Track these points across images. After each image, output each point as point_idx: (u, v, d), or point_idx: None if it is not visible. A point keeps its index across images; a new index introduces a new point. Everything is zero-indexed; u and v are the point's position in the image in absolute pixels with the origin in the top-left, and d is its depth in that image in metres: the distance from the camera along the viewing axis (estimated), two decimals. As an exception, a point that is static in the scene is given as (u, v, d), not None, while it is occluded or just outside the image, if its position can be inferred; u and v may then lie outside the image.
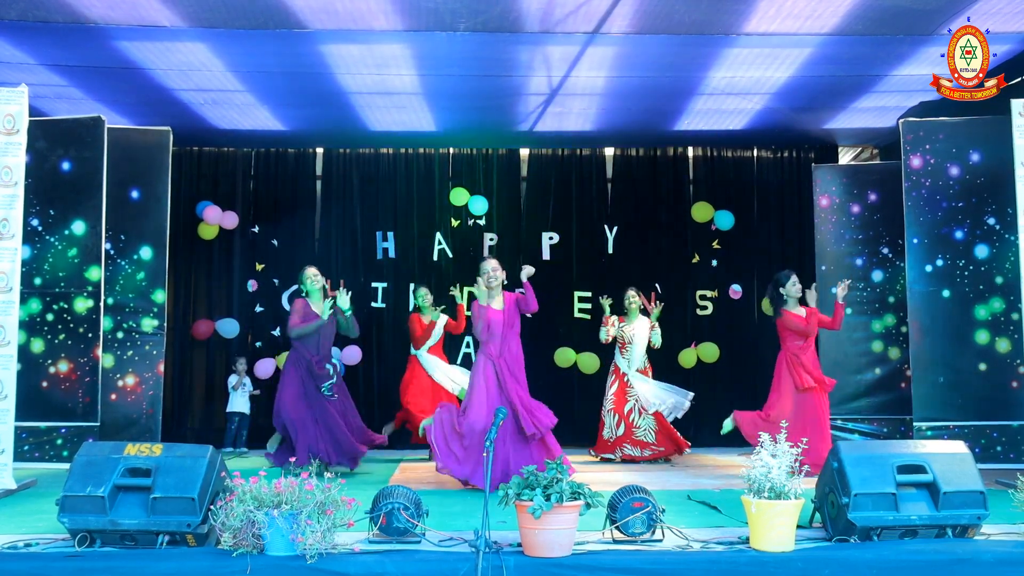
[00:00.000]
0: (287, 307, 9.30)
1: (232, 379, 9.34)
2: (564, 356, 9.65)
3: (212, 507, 4.23)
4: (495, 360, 6.47)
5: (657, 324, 8.52)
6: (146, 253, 7.67)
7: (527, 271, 6.63)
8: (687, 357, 9.62)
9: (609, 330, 8.43)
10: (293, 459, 6.20)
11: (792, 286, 7.35)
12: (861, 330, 8.72)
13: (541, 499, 4.15)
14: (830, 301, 8.61)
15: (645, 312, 8.57)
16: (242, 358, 9.40)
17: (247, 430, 9.28)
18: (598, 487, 4.56)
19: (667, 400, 8.25)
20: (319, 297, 7.27)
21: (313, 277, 7.27)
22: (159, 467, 4.34)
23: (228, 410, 9.26)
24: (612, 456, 8.30)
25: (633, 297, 8.47)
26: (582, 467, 7.63)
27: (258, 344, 9.65)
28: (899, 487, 4.46)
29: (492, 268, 6.58)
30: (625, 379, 8.33)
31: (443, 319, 8.58)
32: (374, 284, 9.82)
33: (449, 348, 9.04)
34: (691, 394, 8.38)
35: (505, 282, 6.74)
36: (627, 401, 8.30)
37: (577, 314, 9.82)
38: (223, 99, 8.13)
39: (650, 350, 8.51)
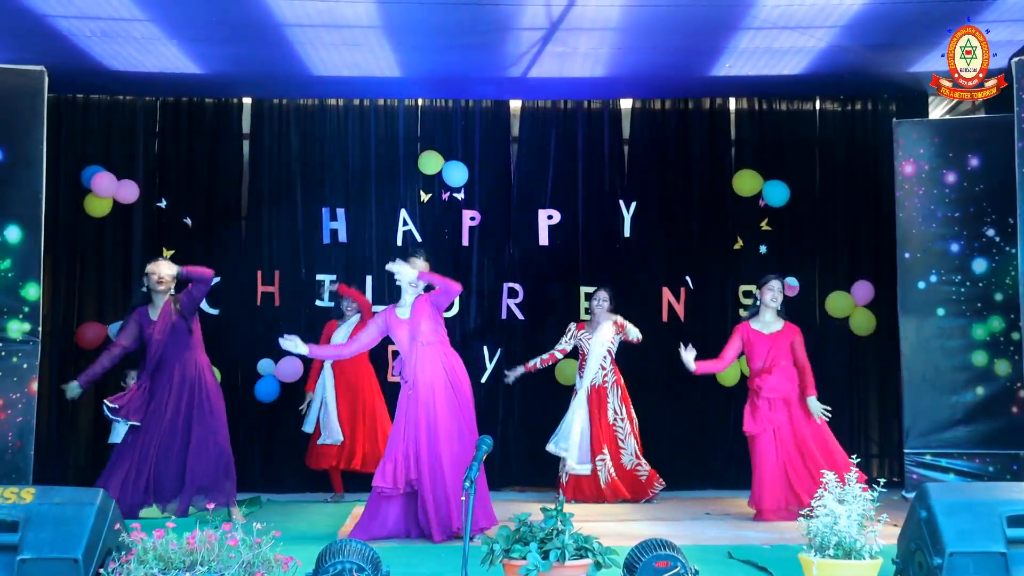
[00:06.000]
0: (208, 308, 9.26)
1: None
2: (568, 371, 9.62)
3: (102, 571, 4.19)
4: (406, 383, 6.99)
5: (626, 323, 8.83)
6: (13, 235, 7.60)
7: (404, 271, 7.16)
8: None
9: (561, 348, 9.01)
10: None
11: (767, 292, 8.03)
12: (958, 337, 8.72)
13: (537, 557, 4.15)
14: (916, 298, 8.65)
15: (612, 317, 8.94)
16: (133, 371, 9.33)
17: None
18: (610, 541, 4.55)
19: (572, 450, 8.60)
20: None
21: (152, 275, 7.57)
22: (30, 518, 4.31)
23: (110, 441, 9.21)
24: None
25: (605, 301, 8.90)
26: (590, 515, 7.64)
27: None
28: (1011, 544, 4.46)
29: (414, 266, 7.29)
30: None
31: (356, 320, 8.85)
32: (319, 276, 9.79)
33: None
34: (589, 467, 8.64)
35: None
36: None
37: (584, 316, 9.81)
38: (117, 31, 8.05)
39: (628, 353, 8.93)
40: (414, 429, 6.80)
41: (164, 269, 7.59)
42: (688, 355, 7.88)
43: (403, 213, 9.85)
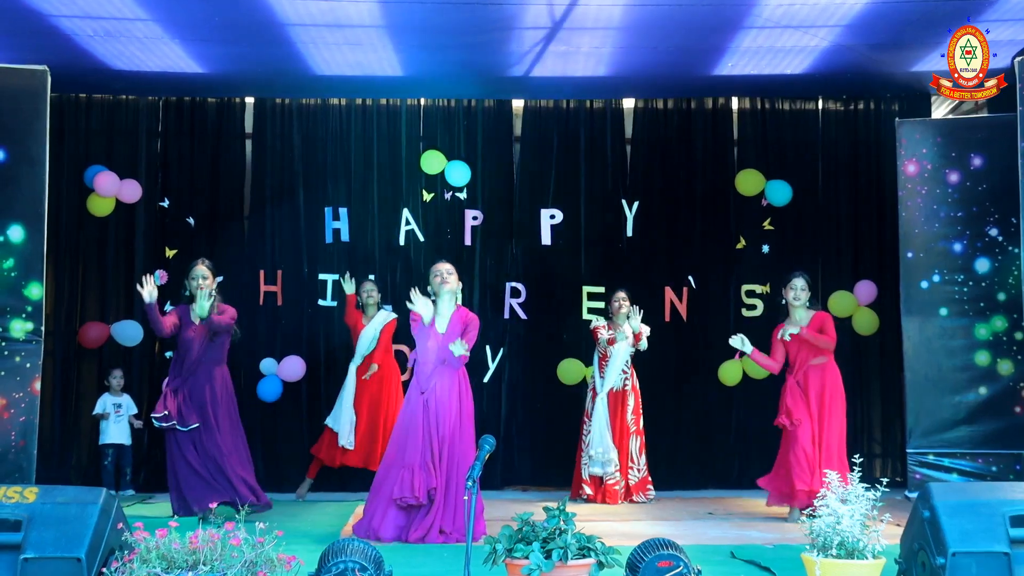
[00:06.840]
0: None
1: (104, 400, 9.24)
2: (570, 371, 9.64)
3: (105, 570, 4.19)
4: (423, 394, 6.89)
5: (644, 328, 8.88)
6: (16, 234, 7.61)
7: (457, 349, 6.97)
8: (730, 372, 9.62)
9: (602, 332, 8.94)
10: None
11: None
12: (961, 337, 8.72)
13: (539, 556, 4.15)
14: (919, 297, 8.64)
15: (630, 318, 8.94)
16: (118, 370, 9.33)
17: (131, 466, 9.27)
18: (613, 540, 4.55)
19: (605, 455, 8.66)
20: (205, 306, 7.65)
21: (200, 280, 7.61)
22: (33, 517, 4.31)
23: (101, 442, 9.22)
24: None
25: (624, 300, 8.90)
26: (593, 515, 7.66)
27: (168, 354, 9.55)
28: (1014, 544, 4.46)
29: (447, 271, 7.08)
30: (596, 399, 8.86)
31: (385, 319, 8.87)
32: (321, 276, 9.80)
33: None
34: (612, 466, 8.67)
35: (459, 298, 7.24)
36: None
37: (587, 315, 9.81)
38: (120, 30, 8.07)
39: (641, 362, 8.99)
40: (430, 439, 6.73)
41: (204, 272, 7.67)
42: (745, 347, 8.03)
43: (406, 212, 9.85)
